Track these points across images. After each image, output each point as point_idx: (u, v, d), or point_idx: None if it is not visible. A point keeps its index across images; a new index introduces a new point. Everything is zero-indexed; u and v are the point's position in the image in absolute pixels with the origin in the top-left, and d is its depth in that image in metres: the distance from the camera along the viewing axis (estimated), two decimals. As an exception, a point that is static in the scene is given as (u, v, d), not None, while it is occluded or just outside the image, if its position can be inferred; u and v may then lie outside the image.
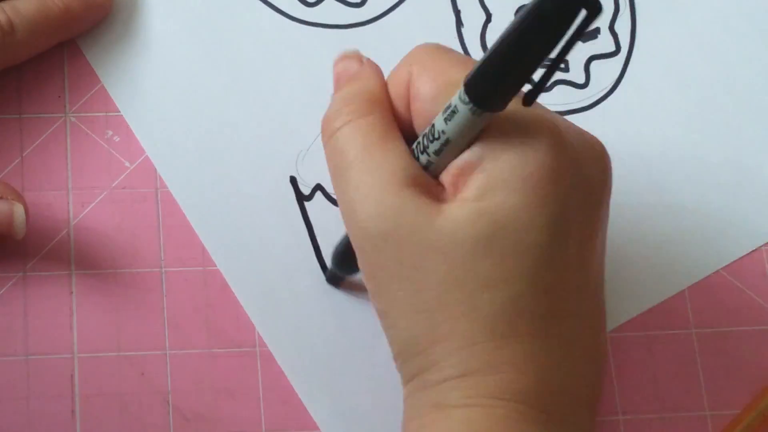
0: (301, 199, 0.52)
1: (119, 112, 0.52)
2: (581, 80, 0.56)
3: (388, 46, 0.54)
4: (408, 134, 0.44)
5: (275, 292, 0.50)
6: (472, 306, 0.42)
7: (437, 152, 0.42)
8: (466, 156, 0.42)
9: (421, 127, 0.44)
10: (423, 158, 0.43)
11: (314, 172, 0.52)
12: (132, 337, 0.49)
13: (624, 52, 0.56)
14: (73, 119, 0.52)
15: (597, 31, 0.57)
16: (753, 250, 0.53)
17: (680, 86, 0.56)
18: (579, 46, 0.56)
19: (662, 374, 0.51)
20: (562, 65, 0.56)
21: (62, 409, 0.47)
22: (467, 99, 0.40)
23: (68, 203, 0.50)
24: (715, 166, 0.55)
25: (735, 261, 0.53)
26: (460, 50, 0.55)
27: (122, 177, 0.51)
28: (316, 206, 0.52)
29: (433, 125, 0.42)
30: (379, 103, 0.45)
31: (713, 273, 0.53)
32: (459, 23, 0.56)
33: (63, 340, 0.48)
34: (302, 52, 0.54)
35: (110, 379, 0.48)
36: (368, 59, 0.47)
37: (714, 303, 0.52)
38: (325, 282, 0.51)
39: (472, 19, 0.56)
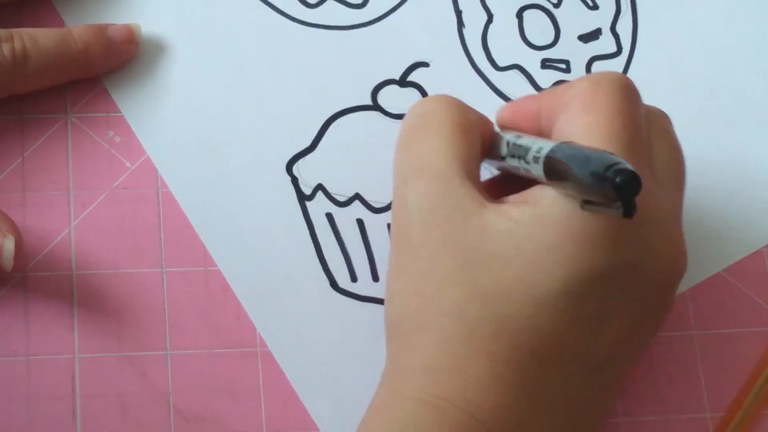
0: (303, 199, 0.52)
1: (120, 112, 0.52)
2: (583, 81, 0.56)
3: (390, 48, 0.55)
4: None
5: (276, 293, 0.50)
6: (462, 308, 0.42)
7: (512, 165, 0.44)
8: (530, 190, 0.43)
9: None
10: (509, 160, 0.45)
11: (315, 172, 0.52)
12: (133, 337, 0.49)
13: (625, 53, 0.56)
14: (74, 120, 0.52)
15: (599, 32, 0.56)
16: (753, 252, 0.53)
17: (681, 87, 0.56)
18: (581, 46, 0.56)
19: (663, 376, 0.51)
20: (565, 65, 0.56)
21: (63, 409, 0.47)
22: (542, 173, 0.41)
23: (69, 203, 0.50)
24: (716, 167, 0.54)
25: (735, 262, 0.53)
26: (461, 50, 0.55)
27: (123, 177, 0.51)
28: (317, 206, 0.52)
29: (528, 150, 0.43)
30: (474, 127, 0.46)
31: (714, 274, 0.53)
32: (460, 24, 0.56)
33: (64, 341, 0.48)
34: (303, 53, 0.54)
35: (111, 380, 0.48)
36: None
37: (715, 304, 0.52)
38: (328, 287, 0.51)
39: (474, 20, 0.56)
